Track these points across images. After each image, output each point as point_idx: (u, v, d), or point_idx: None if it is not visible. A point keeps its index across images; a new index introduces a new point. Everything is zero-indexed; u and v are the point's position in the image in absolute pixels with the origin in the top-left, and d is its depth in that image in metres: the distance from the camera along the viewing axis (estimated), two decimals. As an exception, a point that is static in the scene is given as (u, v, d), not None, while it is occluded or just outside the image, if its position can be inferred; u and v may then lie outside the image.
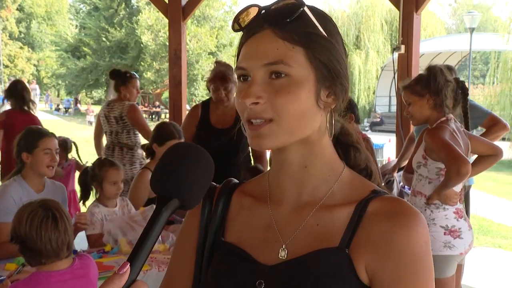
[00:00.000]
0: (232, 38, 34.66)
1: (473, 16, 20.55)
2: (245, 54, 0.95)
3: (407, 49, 5.11)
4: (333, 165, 1.01)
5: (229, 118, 4.08)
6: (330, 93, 0.95)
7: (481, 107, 4.38)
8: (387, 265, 0.91)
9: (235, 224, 1.06)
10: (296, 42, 0.91)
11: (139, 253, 0.83)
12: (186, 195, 0.88)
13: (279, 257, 0.97)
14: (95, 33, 35.23)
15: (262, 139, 0.93)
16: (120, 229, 3.05)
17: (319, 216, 0.98)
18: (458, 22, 60.38)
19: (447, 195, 2.91)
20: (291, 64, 0.91)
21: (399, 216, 0.92)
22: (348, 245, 0.93)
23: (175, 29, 6.16)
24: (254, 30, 0.94)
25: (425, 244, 0.92)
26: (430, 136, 2.92)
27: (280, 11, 0.92)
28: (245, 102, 0.92)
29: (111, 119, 5.04)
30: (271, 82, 0.92)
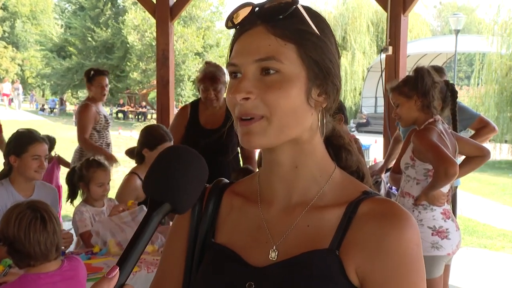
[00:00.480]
0: (218, 38, 34.60)
1: (458, 18, 20.72)
2: (237, 50, 0.94)
3: (395, 50, 5.14)
4: (324, 165, 1.01)
5: (219, 118, 4.09)
6: (321, 92, 0.95)
7: (469, 109, 4.42)
8: (378, 267, 0.90)
9: (225, 225, 1.05)
10: (288, 38, 0.91)
11: (129, 257, 0.83)
12: (178, 199, 0.87)
13: (269, 258, 0.97)
14: (81, 33, 34.96)
15: (252, 136, 0.92)
16: (109, 230, 3.04)
17: (310, 217, 0.97)
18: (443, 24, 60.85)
19: (434, 196, 2.93)
20: (283, 60, 0.91)
21: (390, 218, 0.92)
22: (339, 247, 0.93)
23: (163, 30, 6.15)
24: (247, 27, 0.94)
25: (416, 245, 0.92)
26: (418, 137, 2.94)
27: (273, 8, 0.92)
28: (236, 97, 0.91)
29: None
30: (262, 78, 0.91)
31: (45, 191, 3.35)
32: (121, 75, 33.74)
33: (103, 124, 5.27)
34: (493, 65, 16.97)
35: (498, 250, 6.70)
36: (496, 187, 11.60)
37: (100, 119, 5.23)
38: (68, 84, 35.81)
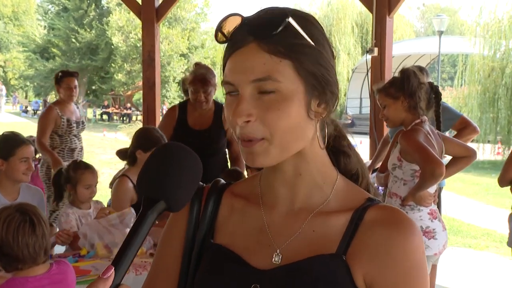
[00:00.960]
0: (203, 40, 34.57)
1: (442, 19, 20.93)
2: (231, 69, 0.92)
3: (380, 51, 5.17)
4: (326, 171, 1.00)
5: (207, 120, 4.11)
6: (321, 102, 0.94)
7: (452, 109, 4.45)
8: (386, 273, 0.91)
9: (225, 226, 1.03)
10: (283, 55, 0.89)
11: (124, 257, 0.82)
12: (173, 197, 0.86)
13: (272, 261, 0.96)
14: (64, 34, 34.73)
15: (255, 156, 0.91)
16: (97, 233, 3.02)
17: (315, 222, 0.97)
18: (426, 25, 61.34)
19: (421, 197, 2.96)
20: (279, 79, 0.89)
21: (397, 225, 0.93)
22: (345, 252, 0.93)
23: (149, 31, 6.13)
24: (239, 44, 0.91)
25: (422, 253, 0.93)
26: (405, 138, 2.97)
27: (264, 23, 0.89)
28: (237, 121, 0.90)
29: None
30: (260, 98, 0.90)
31: (30, 193, 3.33)
32: (106, 76, 33.58)
33: (65, 129, 5.14)
34: (476, 66, 17.14)
35: (482, 250, 6.77)
36: (479, 187, 11.71)
37: (62, 123, 5.11)
38: (52, 85, 35.24)
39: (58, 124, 5.12)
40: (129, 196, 3.50)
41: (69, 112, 5.25)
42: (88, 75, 34.24)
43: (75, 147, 5.26)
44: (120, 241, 2.99)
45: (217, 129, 4.13)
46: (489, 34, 17.17)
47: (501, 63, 16.80)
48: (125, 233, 3.05)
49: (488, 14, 17.89)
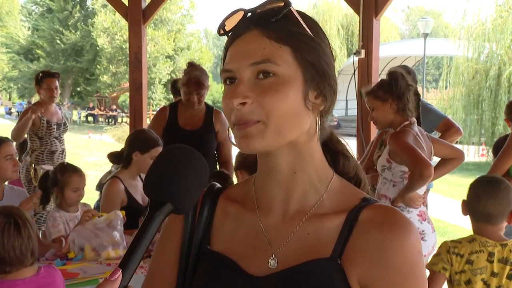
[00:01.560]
0: (189, 41, 34.51)
1: (427, 22, 21.11)
2: (231, 56, 0.93)
3: (367, 53, 5.20)
4: (322, 170, 0.99)
5: (198, 121, 4.12)
6: (319, 94, 0.94)
7: (437, 110, 4.48)
8: (381, 275, 0.90)
9: (221, 232, 1.02)
10: (283, 41, 0.90)
11: (131, 259, 0.81)
12: (180, 199, 0.86)
13: (268, 266, 0.95)
14: (49, 36, 34.46)
15: (250, 139, 0.90)
16: (85, 237, 2.99)
17: (310, 225, 0.96)
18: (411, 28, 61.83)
19: (411, 198, 2.97)
20: (279, 63, 0.89)
21: (392, 225, 0.91)
22: (340, 255, 0.92)
23: (136, 33, 6.10)
24: (240, 31, 0.93)
25: (418, 252, 0.92)
26: (394, 139, 2.98)
27: (266, 11, 0.91)
28: (232, 102, 0.89)
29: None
30: (258, 82, 0.90)
31: (14, 194, 3.30)
32: (91, 78, 33.39)
33: (44, 130, 5.06)
34: (460, 68, 17.31)
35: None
36: (464, 188, 11.60)
37: (42, 124, 5.03)
38: (36, 87, 35.24)
39: (37, 126, 5.04)
40: (119, 198, 3.47)
41: (50, 114, 5.17)
42: (73, 77, 34.03)
43: (55, 149, 5.16)
44: (108, 244, 2.98)
45: (208, 130, 4.15)
46: (473, 37, 17.34)
47: (485, 66, 16.98)
48: (112, 236, 3.03)
49: (471, 17, 18.10)
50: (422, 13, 54.52)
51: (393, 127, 3.11)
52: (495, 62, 16.81)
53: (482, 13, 17.90)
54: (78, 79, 34.54)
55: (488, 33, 16.98)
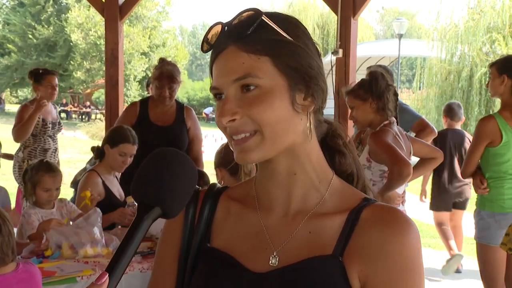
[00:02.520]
0: (165, 38, 34.28)
1: (402, 22, 21.35)
2: (215, 74, 0.95)
3: (345, 53, 5.24)
4: (322, 170, 1.00)
5: (169, 117, 4.13)
6: (306, 95, 0.94)
7: (412, 110, 4.53)
8: (380, 272, 0.91)
9: (222, 230, 1.03)
10: (260, 52, 0.91)
11: (118, 263, 0.81)
12: (169, 203, 0.86)
13: (269, 264, 0.96)
14: (21, 30, 33.85)
15: (248, 153, 0.92)
16: (63, 235, 2.95)
17: (311, 224, 0.97)
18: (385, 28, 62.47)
19: (390, 197, 3.00)
20: (259, 75, 0.91)
21: (393, 224, 0.93)
22: (342, 253, 0.93)
23: (112, 29, 6.04)
24: (220, 48, 0.94)
25: (417, 251, 0.93)
26: (373, 139, 3.00)
27: (240, 24, 0.92)
28: (221, 121, 0.92)
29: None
30: (243, 96, 0.91)
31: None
32: (64, 74, 32.87)
33: (40, 128, 5.00)
34: (434, 69, 17.58)
35: (441, 249, 6.92)
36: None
37: (37, 123, 4.96)
38: (7, 82, 34.66)
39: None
40: (97, 191, 3.46)
41: (46, 112, 5.09)
42: (45, 73, 33.49)
43: (49, 147, 5.11)
44: (87, 241, 2.95)
45: (180, 126, 4.15)
46: (446, 38, 17.61)
47: (458, 67, 17.27)
48: (92, 232, 2.99)
49: (445, 19, 18.38)
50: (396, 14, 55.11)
51: (372, 127, 3.13)
52: (467, 64, 17.11)
53: (455, 15, 18.26)
54: (54, 76, 34.00)
55: (461, 35, 17.27)
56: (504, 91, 3.42)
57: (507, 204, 3.42)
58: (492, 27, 16.68)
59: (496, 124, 3.38)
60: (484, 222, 3.46)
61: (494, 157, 3.43)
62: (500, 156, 3.41)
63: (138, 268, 2.71)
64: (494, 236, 3.35)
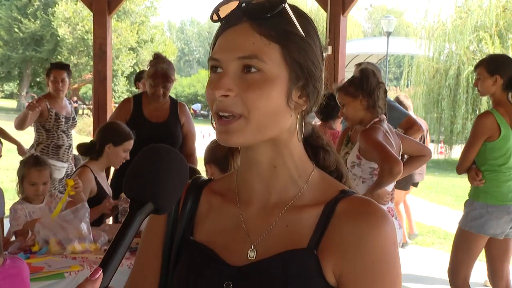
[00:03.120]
0: (153, 34, 34.08)
1: (390, 20, 21.44)
2: (220, 46, 0.93)
3: (334, 50, 5.25)
4: (302, 166, 1.01)
5: (163, 113, 4.11)
6: (302, 94, 0.94)
7: (400, 108, 4.57)
8: (355, 265, 0.91)
9: (204, 224, 1.04)
10: (273, 38, 0.90)
11: (112, 258, 0.81)
12: (161, 199, 0.86)
13: (248, 257, 0.96)
14: (6, 23, 33.44)
15: (230, 134, 0.91)
16: (50, 230, 2.93)
17: (288, 217, 0.97)
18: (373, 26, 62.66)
19: (379, 195, 3.01)
20: (265, 60, 0.90)
21: (367, 217, 0.92)
22: (317, 246, 0.93)
23: (100, 23, 6.00)
24: (232, 22, 0.92)
25: (393, 244, 0.93)
26: (363, 136, 3.01)
27: (260, 5, 0.91)
28: (215, 93, 0.90)
29: None
30: (243, 76, 0.90)
31: None
32: (51, 68, 32.61)
33: (52, 123, 4.94)
34: (421, 67, 17.63)
35: (428, 246, 6.97)
36: (423, 185, 12.03)
37: (50, 116, 4.91)
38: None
39: (45, 117, 4.90)
40: (89, 187, 3.45)
41: (59, 107, 5.04)
42: (32, 67, 33.19)
43: (62, 144, 5.03)
44: (74, 237, 2.93)
45: (174, 122, 4.14)
46: (434, 37, 17.68)
47: (445, 65, 17.34)
48: (79, 227, 2.98)
49: (432, 17, 18.42)
50: (385, 12, 55.35)
51: (363, 124, 3.14)
52: (455, 62, 17.18)
53: (442, 14, 18.31)
54: (37, 69, 33.64)
55: (448, 33, 17.33)
56: (496, 90, 3.53)
57: (499, 196, 3.54)
58: (479, 26, 16.76)
59: (494, 119, 3.48)
60: (477, 212, 3.54)
61: (491, 151, 3.53)
62: (497, 150, 3.52)
63: (127, 264, 2.70)
64: (484, 226, 3.50)
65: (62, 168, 4.96)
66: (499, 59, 3.68)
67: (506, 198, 3.53)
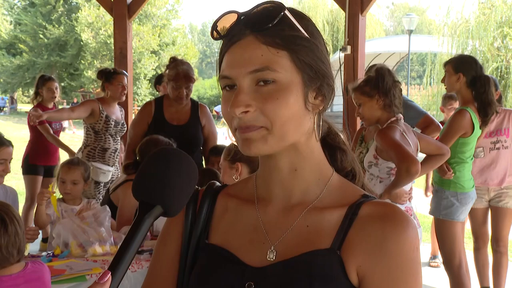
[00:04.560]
0: (174, 37, 34.34)
1: (411, 18, 21.22)
2: (229, 63, 0.92)
3: (353, 49, 5.23)
4: (322, 168, 1.01)
5: (184, 115, 4.12)
6: (318, 94, 0.95)
7: (417, 107, 4.53)
8: (378, 268, 0.91)
9: (220, 226, 1.04)
10: (280, 46, 0.90)
11: (121, 261, 0.81)
12: (170, 202, 0.87)
13: (267, 258, 0.96)
14: (32, 30, 34.04)
15: (253, 143, 0.91)
16: (71, 232, 2.97)
17: (309, 217, 0.97)
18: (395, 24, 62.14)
19: (397, 194, 2.99)
20: (277, 69, 0.90)
21: (392, 220, 0.93)
22: (340, 247, 0.93)
23: (121, 28, 6.07)
24: (236, 38, 0.92)
25: (416, 249, 0.93)
26: (380, 136, 2.99)
27: (261, 16, 0.90)
28: (235, 111, 0.89)
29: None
30: (258, 89, 0.90)
31: (3, 191, 3.24)
32: (75, 73, 33.08)
33: (102, 124, 4.93)
34: (444, 65, 17.43)
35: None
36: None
37: (100, 117, 4.90)
38: (19, 82, 34.87)
39: (96, 118, 4.89)
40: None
41: (111, 111, 5.02)
42: (57, 72, 33.69)
43: (108, 147, 5.00)
44: (95, 240, 2.96)
45: (195, 124, 4.14)
46: (456, 34, 17.48)
47: (468, 62, 17.08)
48: (99, 231, 3.01)
49: (455, 14, 18.25)
50: (407, 10, 54.86)
51: (379, 123, 3.12)
52: (479, 59, 16.95)
53: (465, 10, 18.13)
54: (62, 74, 34.16)
55: (472, 30, 17.13)
56: (460, 87, 3.84)
57: (466, 184, 3.88)
58: (504, 21, 16.54)
59: (470, 117, 3.76)
60: (448, 201, 3.84)
61: (462, 146, 3.84)
62: (467, 145, 3.84)
63: (147, 266, 2.73)
64: (456, 212, 3.83)
65: (108, 172, 4.96)
66: (464, 59, 3.99)
67: (469, 185, 3.89)
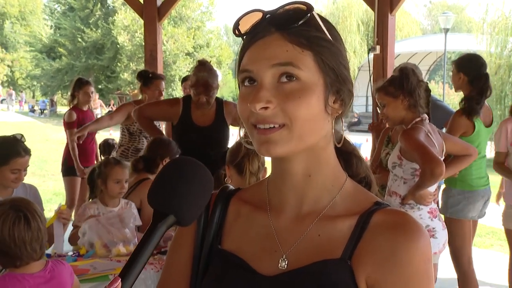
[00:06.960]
0: (209, 38, 34.58)
1: (448, 17, 20.86)
2: (251, 57, 0.91)
3: (382, 49, 5.16)
4: (336, 174, 1.00)
5: (209, 117, 4.13)
6: (337, 99, 0.94)
7: (446, 106, 4.47)
8: (388, 278, 0.90)
9: (232, 232, 1.03)
10: (304, 46, 0.89)
11: (131, 268, 0.81)
12: (183, 212, 0.87)
13: (279, 267, 0.95)
14: (71, 34, 34.83)
15: (272, 145, 0.90)
16: (96, 232, 3.01)
17: (321, 226, 0.96)
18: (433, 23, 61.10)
19: (421, 195, 2.94)
20: (301, 67, 0.89)
21: (403, 230, 0.91)
22: (350, 257, 0.92)
23: (151, 30, 6.15)
24: (261, 34, 0.91)
25: (428, 259, 0.91)
26: (405, 137, 2.93)
27: (288, 15, 0.90)
28: (255, 106, 0.88)
29: None
30: (280, 86, 0.89)
31: (23, 190, 3.28)
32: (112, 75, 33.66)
33: (136, 126, 4.97)
34: (483, 63, 17.05)
35: (487, 248, 6.73)
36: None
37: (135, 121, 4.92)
38: (58, 85, 35.70)
39: (131, 120, 4.88)
40: None
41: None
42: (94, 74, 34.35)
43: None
44: (119, 240, 3.00)
45: (220, 125, 4.15)
46: (496, 31, 17.09)
47: (508, 60, 16.72)
48: (124, 232, 3.04)
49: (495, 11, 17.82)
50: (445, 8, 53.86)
51: (404, 124, 3.06)
52: (519, 56, 16.54)
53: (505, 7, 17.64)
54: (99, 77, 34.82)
55: (511, 27, 16.72)
56: (462, 86, 3.85)
57: (474, 182, 3.85)
58: (544, 18, 16.09)
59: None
60: (455, 199, 3.80)
61: None
62: (471, 144, 3.65)
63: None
64: (463, 210, 3.79)
65: None
66: (466, 58, 3.98)
67: (478, 184, 3.84)
